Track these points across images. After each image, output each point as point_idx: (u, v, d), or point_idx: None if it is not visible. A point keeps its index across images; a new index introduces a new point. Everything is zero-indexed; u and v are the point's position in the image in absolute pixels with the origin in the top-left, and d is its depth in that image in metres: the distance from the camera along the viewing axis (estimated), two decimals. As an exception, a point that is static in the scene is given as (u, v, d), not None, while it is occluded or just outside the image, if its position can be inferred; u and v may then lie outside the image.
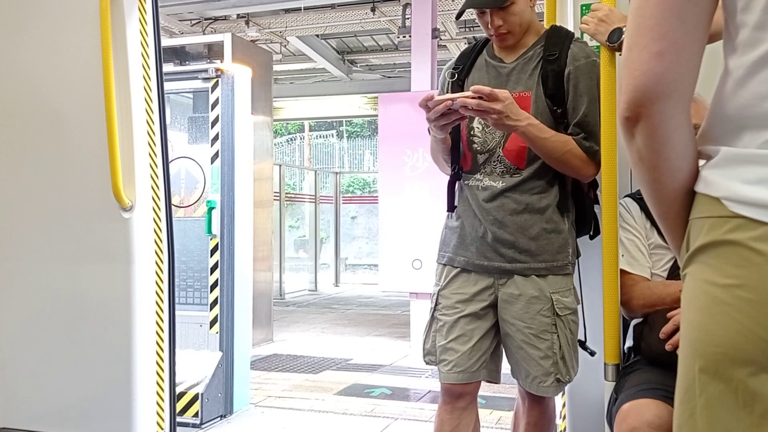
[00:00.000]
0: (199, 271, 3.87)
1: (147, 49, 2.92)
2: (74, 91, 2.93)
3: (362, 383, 4.72)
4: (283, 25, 7.92)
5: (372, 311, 8.61)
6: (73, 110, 2.93)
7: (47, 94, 2.95)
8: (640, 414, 1.47)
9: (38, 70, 2.94)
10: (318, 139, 18.93)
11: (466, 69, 2.03)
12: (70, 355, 2.94)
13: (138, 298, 2.87)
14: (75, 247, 2.94)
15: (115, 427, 2.85)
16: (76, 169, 2.93)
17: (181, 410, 3.46)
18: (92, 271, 2.92)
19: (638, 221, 1.87)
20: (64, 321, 2.95)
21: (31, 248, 2.98)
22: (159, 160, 2.96)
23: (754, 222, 0.76)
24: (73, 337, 2.94)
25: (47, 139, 2.92)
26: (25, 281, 2.97)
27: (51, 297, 2.95)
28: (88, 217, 2.92)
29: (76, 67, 2.91)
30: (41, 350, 2.98)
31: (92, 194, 2.88)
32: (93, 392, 2.90)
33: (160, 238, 2.95)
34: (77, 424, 2.91)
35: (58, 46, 2.95)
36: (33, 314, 2.95)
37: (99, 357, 2.90)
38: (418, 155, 5.92)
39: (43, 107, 2.95)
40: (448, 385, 1.95)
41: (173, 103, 4.33)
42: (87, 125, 2.88)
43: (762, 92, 0.78)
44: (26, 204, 2.96)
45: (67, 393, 2.94)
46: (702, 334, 0.81)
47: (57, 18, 2.95)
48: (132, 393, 2.85)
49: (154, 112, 2.95)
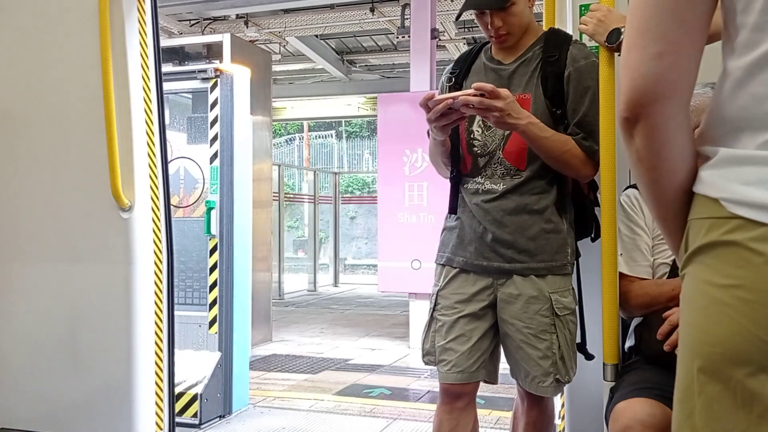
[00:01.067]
0: (198, 272, 3.87)
1: (146, 50, 2.92)
2: (73, 92, 2.93)
3: (361, 383, 4.72)
4: (282, 26, 7.92)
5: (371, 311, 8.62)
6: (72, 111, 2.93)
7: (46, 94, 2.95)
8: (634, 413, 1.47)
9: (37, 71, 2.94)
10: (317, 139, 18.94)
11: (464, 72, 2.03)
12: (69, 356, 2.94)
13: (137, 298, 2.87)
14: (74, 248, 2.93)
15: (115, 427, 2.85)
16: (75, 170, 2.93)
17: (180, 410, 3.46)
18: (91, 272, 2.92)
19: (646, 212, 1.84)
20: (63, 321, 2.95)
21: (30, 248, 2.98)
22: (158, 161, 2.96)
23: (753, 223, 0.76)
24: (73, 337, 2.94)
25: (46, 139, 2.92)
26: (25, 281, 2.97)
27: (50, 297, 2.95)
28: (87, 217, 2.92)
29: (75, 67, 2.91)
30: (40, 350, 2.97)
31: (91, 194, 2.88)
32: (92, 392, 2.90)
33: (159, 238, 2.95)
34: (76, 424, 2.91)
35: (57, 47, 2.94)
36: (32, 314, 2.95)
37: (98, 357, 2.90)
38: (417, 155, 5.93)
39: (42, 107, 2.95)
40: (446, 385, 1.95)
41: (172, 104, 4.33)
42: (86, 125, 2.88)
43: (761, 93, 0.78)
44: (25, 204, 2.96)
45: (66, 393, 2.94)
46: (701, 334, 0.81)
47: (56, 18, 2.95)
48: (131, 393, 2.85)
49: (153, 113, 2.95)
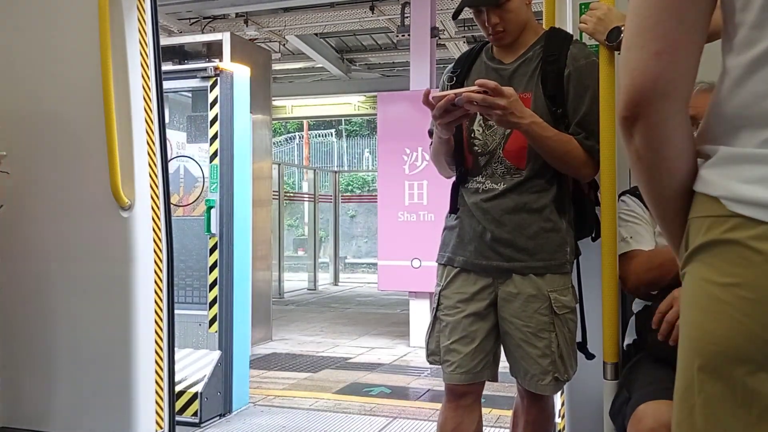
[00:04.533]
0: (198, 270, 3.87)
1: (146, 48, 2.91)
2: (73, 91, 2.92)
3: (361, 382, 4.72)
4: (282, 24, 7.91)
5: (371, 310, 8.62)
6: (71, 109, 2.93)
7: (46, 93, 2.95)
8: (660, 414, 1.43)
9: (37, 70, 2.94)
10: (317, 138, 18.94)
11: (465, 72, 2.02)
12: (69, 354, 2.94)
13: (137, 297, 2.87)
14: (74, 246, 2.93)
15: (115, 425, 2.85)
16: (75, 168, 2.93)
17: (180, 409, 3.46)
18: (91, 270, 2.92)
19: (644, 212, 1.85)
20: (63, 320, 2.95)
21: (30, 247, 2.98)
22: (158, 159, 2.96)
23: (753, 221, 0.76)
24: (73, 336, 2.94)
25: (45, 138, 2.92)
26: (25, 280, 2.97)
27: (50, 296, 2.95)
28: (87, 216, 2.92)
29: (75, 66, 2.90)
30: (41, 349, 2.97)
31: (91, 193, 2.88)
32: (93, 391, 2.90)
33: (159, 237, 2.95)
34: (77, 422, 2.91)
35: (57, 46, 2.94)
36: (32, 313, 2.95)
37: (98, 356, 2.90)
38: (417, 154, 5.93)
39: (41, 106, 2.95)
40: (451, 385, 1.95)
41: (172, 102, 4.33)
42: (86, 124, 2.88)
43: (760, 91, 0.78)
44: (25, 203, 2.96)
45: (66, 392, 2.94)
46: (701, 332, 0.81)
47: (56, 17, 2.95)
48: (131, 392, 2.85)
49: (153, 111, 2.95)
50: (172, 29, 7.77)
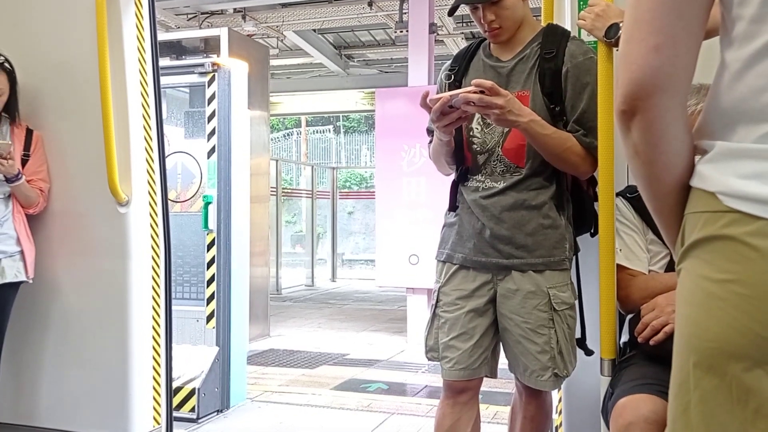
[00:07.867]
0: (195, 266, 3.87)
1: (143, 44, 2.91)
2: (70, 86, 2.92)
3: (359, 378, 4.72)
4: (280, 20, 7.90)
5: (369, 306, 8.62)
6: (69, 105, 2.92)
7: (43, 88, 2.94)
8: (636, 409, 1.46)
9: (34, 65, 2.93)
10: (315, 134, 18.91)
11: (462, 70, 2.02)
12: (67, 350, 2.94)
13: (134, 293, 2.87)
14: (71, 242, 2.93)
15: (113, 421, 2.86)
16: (72, 164, 2.92)
17: (178, 405, 3.46)
18: (89, 266, 2.92)
19: (635, 218, 1.87)
20: (61, 316, 2.95)
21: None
22: (155, 155, 2.95)
23: (750, 217, 0.76)
24: (70, 332, 2.94)
25: (43, 134, 2.91)
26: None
27: (47, 292, 2.95)
28: (85, 212, 2.91)
29: (72, 61, 2.90)
30: (38, 345, 2.97)
31: (88, 189, 2.87)
32: (90, 387, 2.90)
33: (156, 233, 2.95)
34: (75, 418, 2.91)
35: (55, 42, 2.94)
36: (30, 309, 2.94)
37: (96, 352, 2.90)
38: (416, 150, 5.92)
39: (38, 102, 2.94)
40: (450, 381, 1.96)
41: (169, 98, 4.32)
42: (83, 120, 2.88)
43: (758, 85, 0.78)
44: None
45: (64, 388, 2.94)
46: (697, 329, 0.81)
47: (53, 13, 2.94)
48: (129, 388, 2.85)
49: (151, 107, 2.95)
50: (170, 24, 7.75)
